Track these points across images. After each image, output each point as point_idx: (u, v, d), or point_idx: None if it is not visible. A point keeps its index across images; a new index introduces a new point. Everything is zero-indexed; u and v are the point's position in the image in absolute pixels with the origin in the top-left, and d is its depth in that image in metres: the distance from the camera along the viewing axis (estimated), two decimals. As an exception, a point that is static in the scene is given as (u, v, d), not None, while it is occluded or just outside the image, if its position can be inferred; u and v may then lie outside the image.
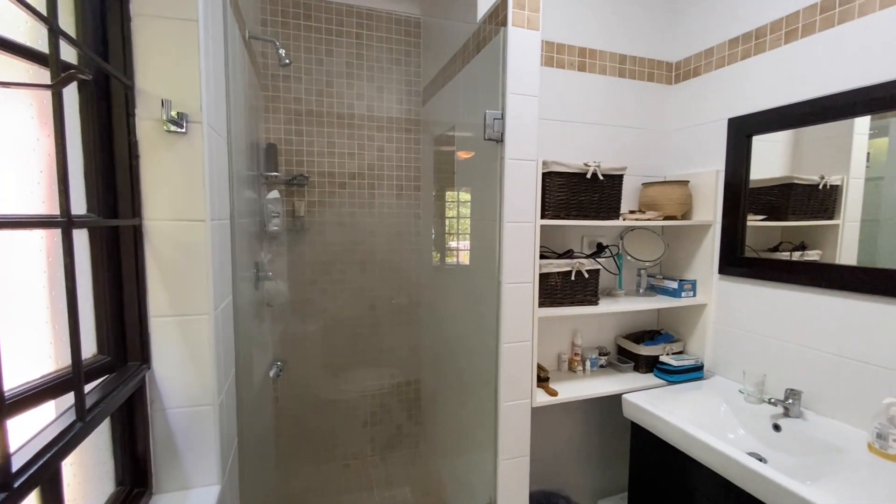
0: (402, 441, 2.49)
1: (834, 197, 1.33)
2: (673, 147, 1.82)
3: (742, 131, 1.53)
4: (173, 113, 0.86)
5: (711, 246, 1.64)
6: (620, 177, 1.55)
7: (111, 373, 0.82)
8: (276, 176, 1.98)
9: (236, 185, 1.20)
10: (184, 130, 0.88)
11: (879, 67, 1.17)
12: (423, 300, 2.43)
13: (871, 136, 1.25)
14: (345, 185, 2.24)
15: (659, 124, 1.83)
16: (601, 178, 1.49)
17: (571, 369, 1.73)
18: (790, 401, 1.32)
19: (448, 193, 2.06)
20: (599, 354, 1.76)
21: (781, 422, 1.31)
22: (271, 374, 1.80)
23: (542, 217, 1.45)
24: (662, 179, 1.82)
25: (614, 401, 1.56)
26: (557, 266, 1.49)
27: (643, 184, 1.76)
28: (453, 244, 2.02)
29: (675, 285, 1.70)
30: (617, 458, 1.90)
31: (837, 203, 1.33)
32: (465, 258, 1.85)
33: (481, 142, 1.36)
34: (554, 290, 1.51)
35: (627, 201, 1.77)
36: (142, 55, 0.85)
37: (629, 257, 1.76)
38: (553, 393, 1.50)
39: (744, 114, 1.52)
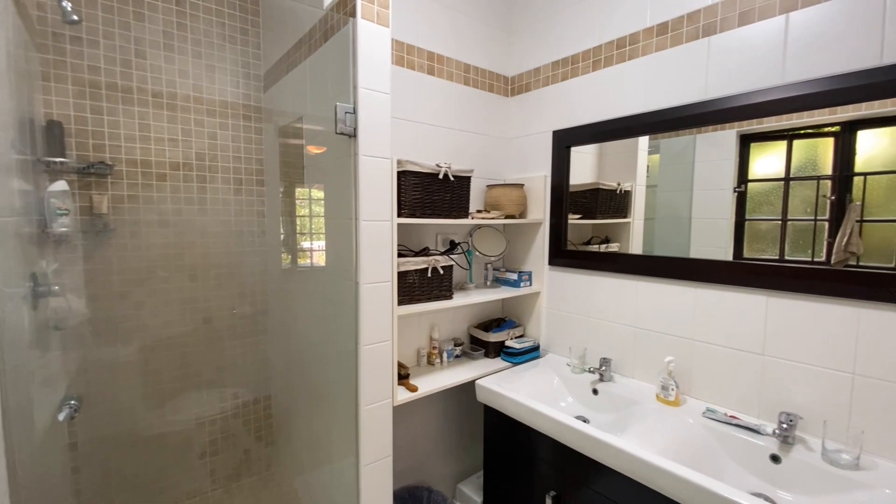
0: (252, 466, 2.23)
1: (627, 200, 1.66)
2: (511, 153, 2.03)
3: (563, 143, 1.79)
4: None
5: (542, 241, 1.89)
6: (469, 178, 1.65)
7: None
8: (62, 163, 1.55)
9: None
10: None
11: (654, 98, 1.49)
12: (271, 307, 2.20)
13: (650, 153, 1.60)
14: (165, 176, 1.88)
15: (500, 132, 2.01)
16: (452, 178, 1.57)
17: (430, 362, 1.78)
18: (603, 368, 1.61)
19: (298, 190, 1.91)
20: (455, 345, 1.86)
21: (598, 386, 1.59)
22: (61, 417, 1.40)
23: (399, 216, 1.45)
24: (503, 182, 2.01)
25: (469, 387, 1.66)
26: (415, 264, 1.52)
27: (487, 185, 1.92)
28: (306, 244, 1.88)
29: (515, 277, 1.90)
30: (474, 441, 2.05)
31: (629, 205, 1.66)
32: (319, 259, 1.74)
33: (333, 136, 1.29)
34: (412, 288, 1.53)
35: (475, 201, 1.91)
36: None
37: (478, 253, 1.90)
38: (413, 389, 1.53)
39: (564, 127, 1.79)
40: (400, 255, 1.51)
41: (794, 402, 1.21)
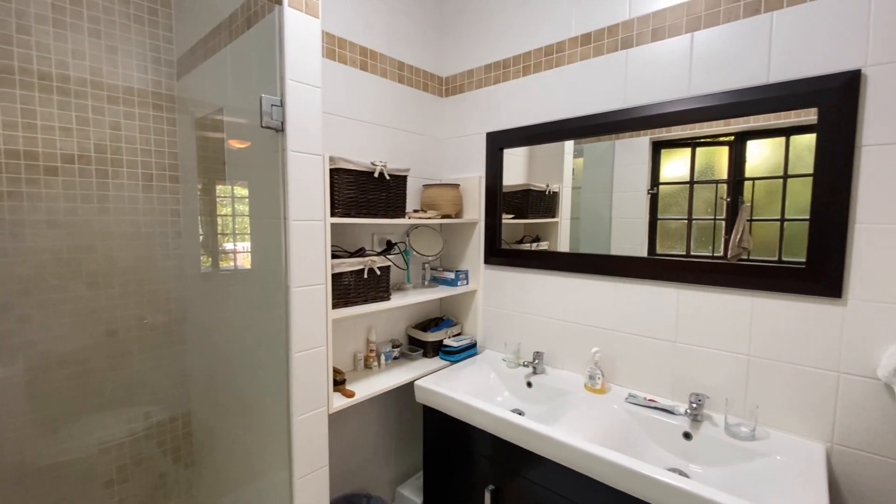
0: (169, 491, 2.02)
1: (556, 201, 1.75)
2: (447, 153, 2.05)
3: (496, 144, 1.84)
4: None
5: (478, 240, 1.93)
6: (405, 178, 1.64)
7: None
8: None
9: None
10: None
11: (579, 105, 1.58)
12: (189, 315, 2.02)
13: (575, 157, 1.70)
14: (56, 170, 1.64)
15: (435, 132, 2.02)
16: (388, 178, 1.55)
17: (367, 366, 1.74)
18: (536, 361, 1.67)
19: (220, 187, 1.77)
20: (393, 347, 1.83)
21: (532, 379, 1.65)
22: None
23: (332, 215, 1.40)
24: (439, 182, 2.02)
25: (408, 389, 1.65)
26: (350, 265, 1.47)
27: (424, 185, 1.92)
28: (229, 246, 1.75)
29: (452, 276, 1.92)
30: (414, 442, 2.03)
31: (557, 205, 1.74)
32: (244, 262, 1.62)
33: (258, 130, 1.21)
34: (347, 290, 1.48)
35: (411, 201, 1.90)
36: None
37: (415, 253, 1.89)
38: (350, 394, 1.48)
39: (497, 130, 1.83)
40: (334, 257, 1.46)
41: (702, 383, 1.35)
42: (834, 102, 1.08)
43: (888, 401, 1.06)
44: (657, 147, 1.48)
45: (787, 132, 1.23)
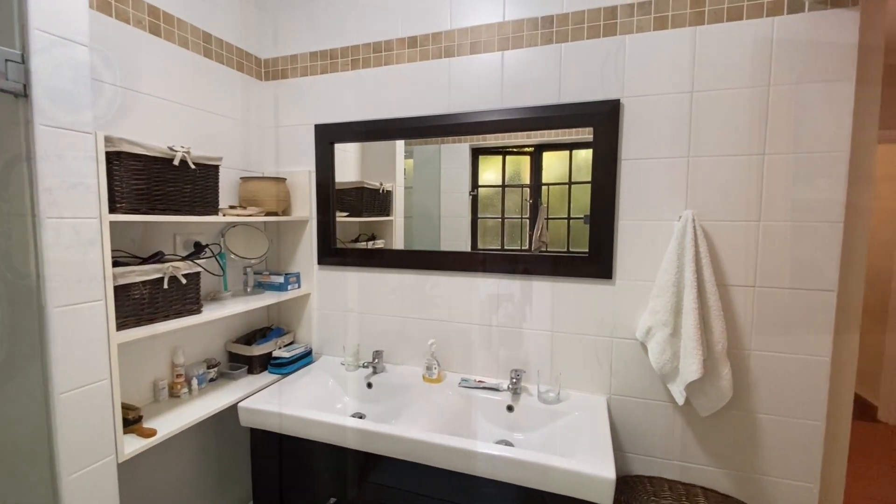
0: None
1: (390, 199, 1.76)
2: (270, 143, 1.84)
3: (326, 138, 1.75)
4: None
5: (310, 239, 1.80)
6: (216, 168, 1.41)
7: None
8: None
9: None
10: None
11: (409, 105, 1.62)
12: None
13: (406, 157, 1.74)
14: None
15: (256, 118, 1.80)
16: (193, 166, 1.30)
17: (174, 395, 1.44)
18: (376, 361, 1.66)
19: None
20: (208, 367, 1.56)
21: (373, 379, 1.63)
22: None
23: (114, 211, 1.10)
24: (262, 175, 1.81)
25: (231, 413, 1.43)
26: (143, 273, 1.19)
27: (242, 178, 1.69)
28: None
29: (281, 280, 1.75)
30: (241, 471, 1.77)
31: (392, 204, 1.76)
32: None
33: (-20, 91, 0.86)
34: (141, 305, 1.19)
35: (227, 196, 1.65)
36: None
37: (233, 256, 1.65)
38: (150, 434, 1.20)
39: (326, 122, 1.74)
40: (118, 264, 1.15)
41: (519, 359, 1.55)
42: (604, 124, 1.37)
43: (643, 356, 1.40)
44: (476, 153, 1.63)
45: (571, 147, 1.51)
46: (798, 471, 1.28)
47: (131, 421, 1.22)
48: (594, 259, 1.42)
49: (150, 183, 1.19)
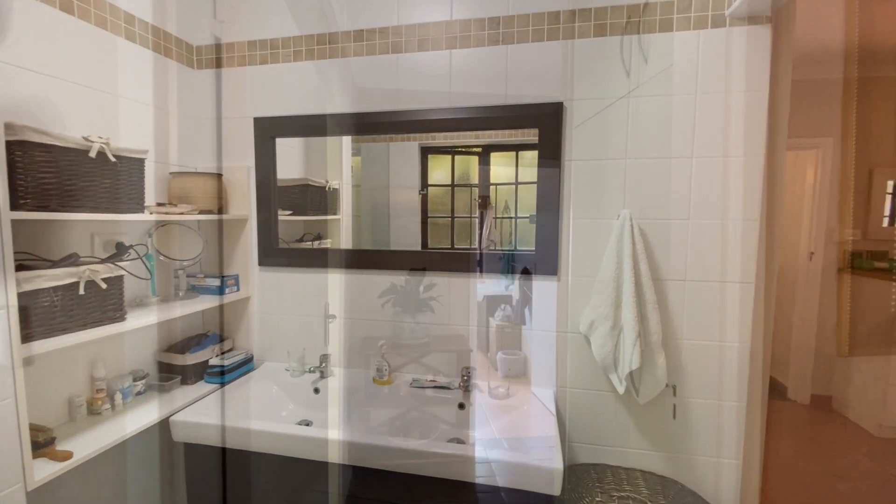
0: None
1: (336, 197, 1.71)
2: (206, 137, 1.72)
3: (266, 132, 1.66)
4: None
5: (250, 240, 1.70)
6: (141, 161, 1.29)
7: None
8: None
9: None
10: None
11: (355, 101, 1.57)
12: None
13: (353, 154, 1.69)
14: None
15: (187, 109, 1.67)
16: (113, 159, 1.18)
17: (94, 412, 1.30)
18: (323, 365, 1.60)
19: None
20: (135, 380, 1.43)
21: (320, 384, 1.57)
22: None
23: (17, 208, 0.98)
24: (195, 170, 1.68)
25: (164, 427, 1.32)
26: (53, 278, 1.06)
27: (172, 173, 1.56)
28: None
29: (217, 283, 1.63)
30: (175, 490, 1.63)
31: (339, 202, 1.71)
32: None
33: None
34: (51, 313, 1.06)
35: (155, 192, 1.52)
36: None
37: (162, 257, 1.52)
38: (65, 456, 1.07)
39: (266, 116, 1.65)
40: (23, 268, 1.02)
41: (470, 357, 1.56)
42: (548, 125, 1.41)
43: (587, 349, 1.45)
44: (425, 152, 1.62)
45: (518, 147, 1.54)
46: (723, 449, 1.39)
47: (42, 444, 1.08)
48: (541, 257, 1.46)
49: (62, 176, 1.07)
